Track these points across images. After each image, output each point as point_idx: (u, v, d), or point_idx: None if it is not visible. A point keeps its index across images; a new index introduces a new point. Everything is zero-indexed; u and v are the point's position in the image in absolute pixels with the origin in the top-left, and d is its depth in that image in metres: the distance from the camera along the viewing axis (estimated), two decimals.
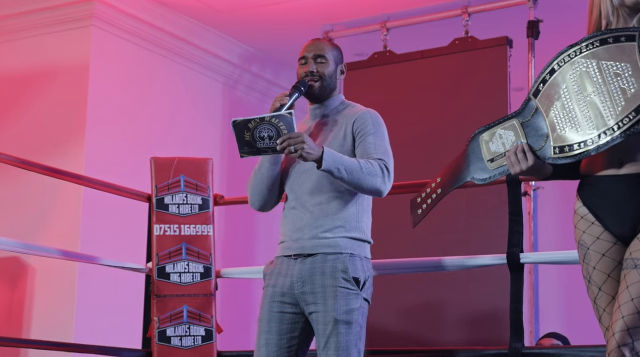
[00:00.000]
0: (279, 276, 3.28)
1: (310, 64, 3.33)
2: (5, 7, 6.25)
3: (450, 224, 5.56)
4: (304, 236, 3.23)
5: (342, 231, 3.23)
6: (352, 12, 6.42)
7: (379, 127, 3.36)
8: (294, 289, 3.22)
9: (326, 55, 3.36)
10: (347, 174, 3.13)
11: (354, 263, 3.21)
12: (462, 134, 3.21)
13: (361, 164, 3.18)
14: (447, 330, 5.55)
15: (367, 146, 3.27)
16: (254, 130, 3.03)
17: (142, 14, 6.30)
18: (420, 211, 2.99)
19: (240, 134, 3.05)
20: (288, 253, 3.28)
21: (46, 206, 6.00)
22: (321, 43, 3.40)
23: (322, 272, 3.18)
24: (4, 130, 6.23)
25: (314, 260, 3.21)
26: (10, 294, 6.01)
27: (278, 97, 3.22)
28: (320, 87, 3.34)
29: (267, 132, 3.04)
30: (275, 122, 3.03)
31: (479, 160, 2.80)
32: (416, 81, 6.10)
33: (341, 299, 3.15)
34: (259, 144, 3.05)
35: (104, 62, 6.19)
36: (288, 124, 3.04)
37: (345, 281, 3.17)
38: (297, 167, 3.29)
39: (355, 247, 3.24)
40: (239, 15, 6.53)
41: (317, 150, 3.07)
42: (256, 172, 3.34)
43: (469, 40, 5.91)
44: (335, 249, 3.20)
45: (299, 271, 3.21)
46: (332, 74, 3.37)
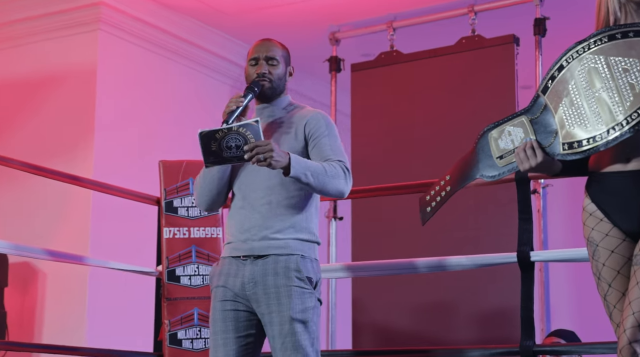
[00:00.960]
0: (228, 276, 3.21)
1: (262, 66, 3.31)
2: (12, 13, 6.26)
3: (460, 223, 5.56)
4: (254, 236, 3.19)
5: (292, 232, 3.20)
6: (359, 12, 6.41)
7: (332, 128, 3.34)
8: (245, 289, 3.17)
9: (277, 57, 3.35)
10: (313, 179, 3.12)
11: (305, 264, 3.18)
12: (470, 132, 3.21)
13: (325, 168, 3.17)
14: (458, 329, 5.55)
15: (324, 148, 3.26)
16: (222, 141, 3.00)
17: (148, 17, 6.31)
18: (429, 208, 2.98)
19: (207, 145, 3.01)
20: (236, 254, 3.22)
21: (56, 211, 6.01)
22: (272, 44, 3.38)
23: (274, 273, 3.14)
24: (13, 136, 6.25)
25: (265, 261, 3.16)
26: (21, 298, 6.02)
27: (233, 99, 3.19)
28: (270, 88, 3.31)
29: (234, 141, 3.00)
30: (243, 131, 3.00)
31: (488, 158, 2.80)
32: (423, 81, 6.10)
33: (296, 298, 3.12)
34: (225, 153, 3.02)
35: (112, 65, 6.20)
36: (255, 133, 3.01)
37: (299, 280, 3.14)
38: (247, 167, 3.25)
39: (306, 249, 3.22)
40: (245, 17, 6.54)
41: (284, 157, 3.05)
42: (205, 173, 3.29)
43: (476, 39, 5.91)
44: (286, 250, 3.17)
45: (251, 272, 3.17)
46: (282, 76, 3.35)
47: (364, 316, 5.89)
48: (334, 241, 6.24)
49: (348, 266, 4.50)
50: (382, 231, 5.89)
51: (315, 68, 7.17)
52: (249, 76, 3.33)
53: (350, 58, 6.59)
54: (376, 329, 5.87)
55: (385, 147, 6.10)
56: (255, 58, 3.33)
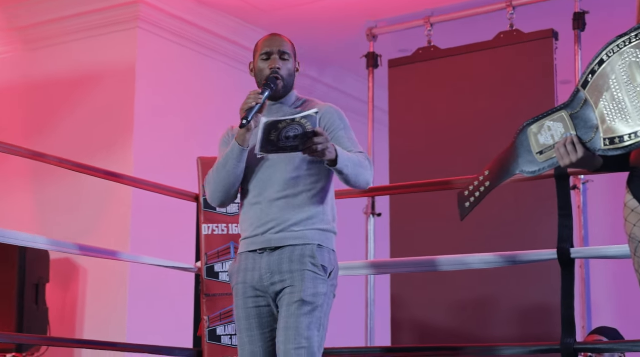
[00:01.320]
0: (246, 272, 3.22)
1: (276, 60, 3.28)
2: (51, 12, 6.32)
3: (499, 219, 5.53)
4: (272, 230, 3.18)
5: (310, 223, 3.18)
6: (396, 8, 6.40)
7: (345, 121, 3.32)
8: (263, 281, 3.17)
9: (289, 51, 3.33)
10: (352, 170, 3.14)
11: (321, 253, 3.17)
12: (508, 128, 3.19)
13: (359, 160, 3.18)
14: (498, 326, 5.52)
15: (342, 142, 3.23)
16: (282, 131, 2.99)
17: (186, 14, 6.34)
18: (468, 204, 2.97)
19: (267, 134, 3.00)
20: (253, 248, 3.22)
21: (96, 208, 6.06)
22: (283, 39, 3.35)
23: (290, 261, 3.14)
24: (53, 133, 6.31)
25: (281, 252, 3.16)
26: (63, 295, 6.08)
27: (251, 95, 3.16)
28: (283, 86, 3.29)
29: (293, 132, 3.00)
30: (304, 122, 3.00)
31: (528, 153, 2.78)
32: (461, 76, 6.07)
33: (308, 281, 3.11)
34: (282, 143, 3.02)
35: (150, 63, 6.24)
36: (314, 123, 3.01)
37: (313, 266, 3.13)
38: (262, 163, 3.24)
39: (323, 239, 3.20)
40: (282, 13, 6.54)
41: (334, 151, 3.07)
42: (220, 169, 3.25)
43: (514, 33, 5.87)
44: (303, 241, 3.16)
45: (267, 264, 3.17)
46: (293, 72, 3.33)
47: (403, 312, 5.87)
48: (372, 237, 6.23)
49: (386, 263, 4.50)
50: (420, 228, 5.87)
51: (353, 64, 7.17)
52: (260, 71, 3.30)
53: (388, 54, 6.57)
54: (415, 325, 5.85)
55: (423, 143, 6.08)
56: (267, 52, 3.30)
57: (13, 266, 5.63)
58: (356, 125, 7.75)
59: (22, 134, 6.37)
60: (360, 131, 7.32)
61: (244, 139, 3.19)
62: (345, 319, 7.41)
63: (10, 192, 6.41)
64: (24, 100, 6.51)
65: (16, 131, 6.39)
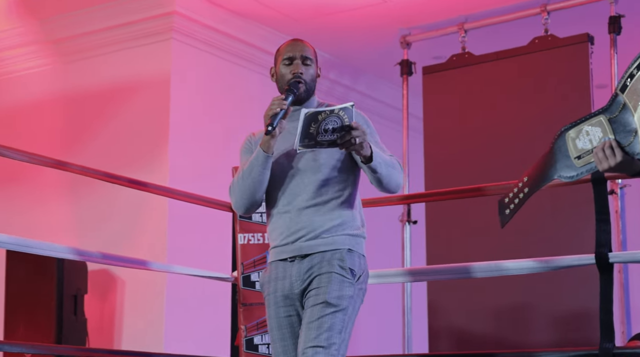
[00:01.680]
0: (277, 281, 3.19)
1: (299, 66, 3.26)
2: (87, 24, 6.38)
3: (536, 225, 5.50)
4: (303, 238, 3.15)
5: (340, 229, 3.16)
6: (429, 15, 6.39)
7: (371, 125, 3.29)
8: (293, 288, 3.14)
9: (311, 56, 3.30)
10: (385, 170, 3.13)
11: (351, 257, 3.14)
12: (544, 134, 3.17)
13: (392, 161, 3.18)
14: (536, 331, 5.48)
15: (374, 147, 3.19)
16: (322, 123, 2.98)
17: (219, 25, 6.37)
18: (508, 211, 2.95)
19: (307, 126, 2.98)
20: (283, 257, 3.19)
21: (133, 218, 6.09)
22: (305, 44, 3.33)
23: (319, 266, 3.11)
24: (90, 145, 6.35)
25: (311, 258, 3.13)
26: (101, 305, 6.11)
27: (275, 101, 3.14)
28: (305, 91, 3.26)
29: (332, 124, 2.98)
30: (342, 114, 2.98)
31: (566, 158, 2.76)
32: (496, 82, 6.05)
33: (335, 283, 3.07)
34: (320, 137, 3.00)
35: (185, 73, 6.27)
36: (350, 116, 3.00)
37: (341, 268, 3.09)
38: (289, 172, 3.22)
39: (353, 244, 3.17)
40: (315, 22, 6.56)
41: (369, 146, 3.06)
42: (245, 176, 3.21)
43: (549, 38, 5.84)
44: (333, 246, 3.13)
45: (298, 271, 3.14)
46: (315, 77, 3.31)
47: (440, 319, 5.85)
48: (408, 244, 6.22)
49: (423, 270, 4.48)
50: (456, 234, 5.85)
51: (387, 72, 7.17)
52: (282, 76, 3.29)
53: (422, 61, 6.57)
54: (452, 332, 5.83)
55: (459, 150, 6.06)
56: (290, 57, 3.28)
57: (51, 278, 5.67)
58: (390, 132, 7.80)
59: (59, 145, 6.43)
60: (395, 138, 7.33)
61: (269, 145, 3.16)
62: (382, 326, 7.40)
63: (47, 204, 6.46)
64: (61, 112, 6.57)
65: (54, 143, 6.45)
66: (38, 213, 6.46)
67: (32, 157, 3.84)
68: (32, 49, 6.66)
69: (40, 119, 6.65)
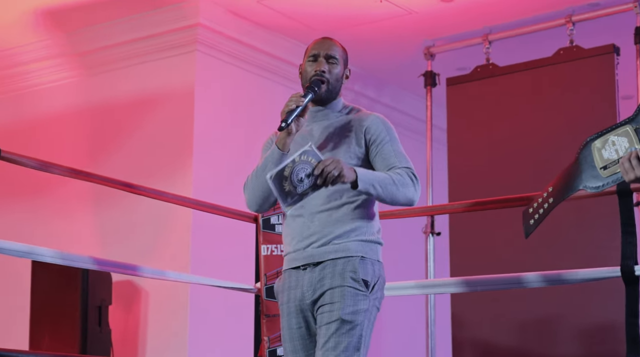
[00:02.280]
0: (290, 290, 3.14)
1: (322, 63, 3.19)
2: (112, 37, 6.41)
3: (561, 237, 5.46)
4: (314, 244, 3.09)
5: (353, 235, 3.09)
6: (453, 26, 6.38)
7: (392, 132, 3.21)
8: (305, 299, 3.09)
9: (337, 56, 3.23)
10: (382, 190, 3.04)
11: (364, 266, 3.06)
12: (569, 145, 3.16)
13: (393, 178, 3.08)
14: (561, 344, 5.44)
15: (388, 156, 3.15)
16: (291, 176, 2.94)
17: (244, 37, 6.39)
18: (532, 221, 2.93)
19: (279, 187, 2.95)
20: (296, 265, 3.13)
21: (157, 229, 6.11)
22: (333, 43, 3.26)
23: (331, 276, 3.04)
24: (114, 156, 6.38)
25: (323, 267, 3.07)
26: (125, 316, 6.13)
27: (293, 97, 3.10)
28: (327, 91, 3.19)
29: (303, 172, 2.94)
30: (305, 158, 2.94)
31: (592, 168, 2.74)
32: (521, 93, 6.03)
33: (348, 298, 3.00)
34: (300, 188, 2.95)
35: (209, 85, 6.29)
36: (314, 155, 2.95)
37: (354, 281, 3.03)
38: None
39: (367, 250, 3.10)
40: (339, 34, 6.55)
41: (351, 172, 2.98)
42: (259, 173, 3.15)
43: (574, 49, 5.82)
44: (345, 253, 3.06)
45: (309, 280, 3.08)
46: (340, 77, 3.23)
47: (464, 332, 5.82)
48: (432, 256, 6.20)
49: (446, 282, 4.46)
50: (480, 246, 5.83)
51: (410, 83, 7.16)
52: (306, 73, 3.22)
53: (446, 72, 6.56)
54: (477, 345, 5.80)
55: (483, 161, 6.04)
56: (315, 55, 3.22)
57: (76, 289, 5.69)
58: (414, 144, 7.79)
59: (84, 156, 6.46)
60: (419, 150, 7.32)
61: (285, 143, 3.12)
62: (405, 339, 7.37)
63: (71, 215, 6.49)
64: (87, 123, 6.61)
65: (79, 154, 6.48)
66: (61, 224, 6.49)
67: (56, 168, 3.86)
68: (58, 62, 6.71)
69: (65, 131, 6.68)
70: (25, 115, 6.88)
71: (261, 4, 6.06)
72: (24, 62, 6.78)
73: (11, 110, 6.95)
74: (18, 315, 6.15)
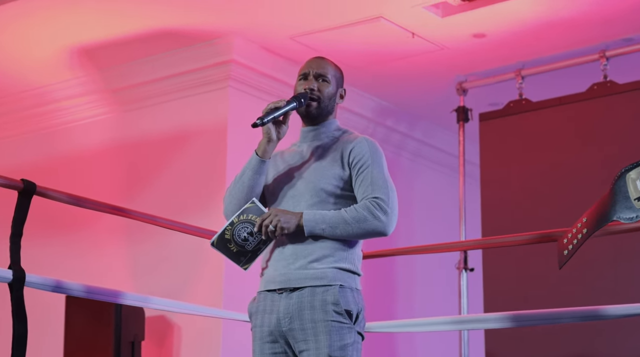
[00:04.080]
0: (264, 313, 3.06)
1: (311, 82, 3.16)
2: (146, 74, 6.48)
3: (596, 272, 5.41)
4: (290, 265, 3.01)
5: (331, 260, 3.00)
6: (485, 61, 6.38)
7: (377, 156, 3.11)
8: (281, 326, 2.99)
9: (328, 75, 3.18)
10: (333, 230, 2.97)
11: (344, 295, 2.97)
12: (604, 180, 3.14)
13: (345, 216, 2.98)
14: None
15: (364, 183, 3.05)
16: (234, 238, 2.96)
17: (276, 73, 6.43)
18: (566, 252, 2.91)
19: (227, 251, 2.98)
20: (272, 287, 3.06)
21: (189, 265, 6.12)
22: (324, 62, 3.21)
23: (311, 307, 2.95)
24: (147, 191, 6.42)
25: (301, 294, 2.98)
26: (158, 351, 6.13)
27: (274, 101, 3.10)
28: (317, 108, 3.16)
29: (244, 231, 2.96)
30: (245, 218, 2.95)
31: (626, 199, 2.72)
32: (554, 129, 6.01)
33: (334, 334, 2.91)
34: (248, 246, 2.97)
35: (242, 121, 6.31)
36: (257, 211, 2.96)
37: (338, 314, 2.94)
38: (289, 192, 3.09)
39: (346, 278, 3.01)
40: (371, 70, 6.58)
41: (293, 218, 2.96)
42: (237, 180, 3.13)
43: (608, 84, 5.80)
44: (323, 281, 2.97)
45: (286, 307, 3.00)
46: (332, 96, 3.18)
47: None
48: (465, 292, 6.15)
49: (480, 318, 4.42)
50: (514, 282, 5.78)
51: (443, 119, 7.16)
52: (295, 92, 3.20)
53: (478, 107, 6.55)
54: None
55: (516, 196, 6.01)
56: (305, 73, 3.19)
57: (109, 323, 5.70)
58: (447, 178, 7.77)
59: (118, 191, 6.51)
60: (451, 184, 7.30)
61: (264, 149, 3.13)
62: None
63: (104, 249, 6.53)
64: (120, 159, 6.66)
65: (113, 189, 6.53)
66: (95, 258, 6.52)
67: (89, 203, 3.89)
68: (91, 99, 6.78)
69: (99, 167, 6.74)
70: (60, 152, 6.95)
71: (294, 40, 6.10)
72: (57, 99, 6.86)
73: (45, 147, 7.02)
74: (52, 350, 6.17)
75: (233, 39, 6.10)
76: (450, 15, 5.67)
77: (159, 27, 5.94)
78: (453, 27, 5.84)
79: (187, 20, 5.87)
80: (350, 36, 6.01)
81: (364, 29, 5.89)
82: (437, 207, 7.61)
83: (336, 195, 3.07)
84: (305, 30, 5.97)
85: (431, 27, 5.84)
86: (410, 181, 7.49)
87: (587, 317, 4.05)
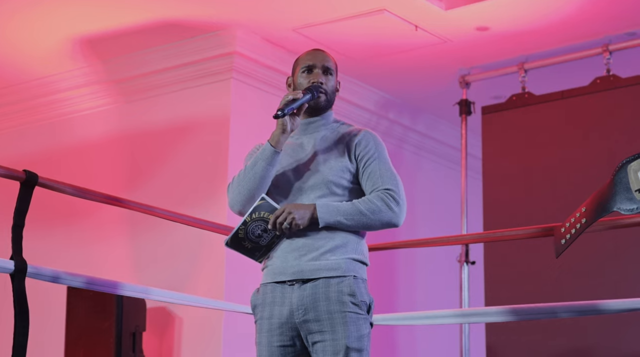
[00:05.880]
0: (273, 305, 3.02)
1: (319, 75, 3.15)
2: (149, 64, 6.47)
3: (597, 266, 5.41)
4: (302, 257, 2.99)
5: (344, 251, 3.01)
6: (488, 55, 6.37)
7: (381, 149, 3.14)
8: (294, 317, 2.97)
9: (332, 68, 3.18)
10: (349, 222, 2.99)
11: (358, 286, 2.99)
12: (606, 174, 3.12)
13: (360, 207, 3.01)
14: None
15: (373, 176, 3.07)
16: (247, 236, 2.96)
17: (279, 65, 6.42)
18: (564, 240, 2.91)
19: (241, 248, 2.99)
20: (282, 279, 3.02)
21: (191, 256, 6.12)
22: (326, 54, 3.22)
23: (326, 298, 2.95)
24: (150, 183, 6.42)
25: (315, 285, 2.97)
26: (159, 343, 6.14)
27: (291, 92, 3.06)
28: (326, 101, 3.16)
29: (258, 229, 2.96)
30: (257, 216, 2.95)
31: (627, 190, 2.72)
32: (557, 122, 6.01)
33: (352, 324, 2.92)
34: (263, 241, 2.97)
35: (244, 113, 6.32)
36: (268, 208, 2.96)
37: (355, 305, 2.95)
38: (296, 184, 3.07)
39: (358, 269, 3.02)
40: (374, 62, 6.58)
41: (308, 211, 2.97)
42: (248, 170, 3.08)
43: (611, 78, 5.79)
44: (337, 272, 2.97)
45: (299, 298, 2.97)
46: (334, 90, 3.20)
47: None
48: (467, 285, 6.16)
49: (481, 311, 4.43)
50: (515, 275, 5.78)
51: (445, 112, 7.16)
52: (300, 85, 3.17)
53: (481, 101, 6.54)
54: None
55: (518, 190, 6.01)
56: (309, 66, 3.18)
57: (111, 315, 5.71)
58: (449, 172, 7.76)
59: (121, 182, 6.51)
60: (453, 178, 7.30)
61: (278, 140, 3.07)
62: None
63: (106, 241, 6.53)
64: (123, 150, 6.66)
65: (116, 180, 6.53)
66: (97, 250, 6.53)
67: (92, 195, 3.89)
68: (94, 89, 6.77)
69: (101, 158, 6.74)
70: (62, 143, 6.95)
71: (297, 32, 6.10)
72: (60, 89, 6.86)
73: (48, 137, 7.02)
74: (53, 341, 6.18)
75: (236, 31, 6.09)
76: (454, 8, 5.66)
77: (162, 18, 5.93)
78: (456, 20, 5.83)
79: (190, 12, 5.87)
80: (353, 29, 6.00)
81: (367, 22, 5.88)
82: (438, 200, 7.61)
83: (344, 187, 3.08)
84: (308, 23, 5.96)
85: (434, 19, 5.83)
86: (413, 174, 7.49)
87: (587, 312, 4.06)
